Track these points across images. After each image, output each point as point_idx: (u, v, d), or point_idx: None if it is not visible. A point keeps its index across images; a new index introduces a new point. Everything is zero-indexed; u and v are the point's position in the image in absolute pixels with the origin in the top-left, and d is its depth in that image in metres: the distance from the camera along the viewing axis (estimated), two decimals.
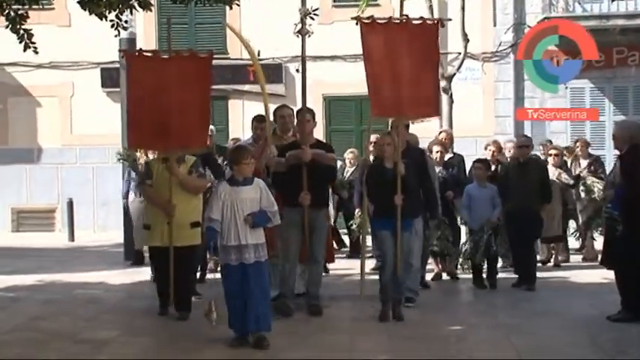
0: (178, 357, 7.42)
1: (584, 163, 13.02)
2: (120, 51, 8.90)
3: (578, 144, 13.15)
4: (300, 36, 9.10)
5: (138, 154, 11.26)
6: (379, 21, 8.88)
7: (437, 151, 11.17)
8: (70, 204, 17.09)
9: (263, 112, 9.73)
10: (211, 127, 12.04)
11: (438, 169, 10.83)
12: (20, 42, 9.64)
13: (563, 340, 8.04)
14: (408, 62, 8.73)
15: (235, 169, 7.54)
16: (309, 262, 9.00)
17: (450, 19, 14.19)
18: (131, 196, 12.36)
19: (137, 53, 9.10)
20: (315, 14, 9.08)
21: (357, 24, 8.73)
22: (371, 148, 11.78)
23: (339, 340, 7.93)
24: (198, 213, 8.71)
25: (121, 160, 12.69)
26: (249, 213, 7.38)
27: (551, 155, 12.47)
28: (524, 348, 7.53)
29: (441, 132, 12.28)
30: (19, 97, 19.08)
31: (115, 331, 8.45)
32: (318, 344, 7.70)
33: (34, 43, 9.68)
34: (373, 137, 11.43)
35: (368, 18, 8.94)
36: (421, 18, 9.06)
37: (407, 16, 8.91)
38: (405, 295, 9.08)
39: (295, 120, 9.41)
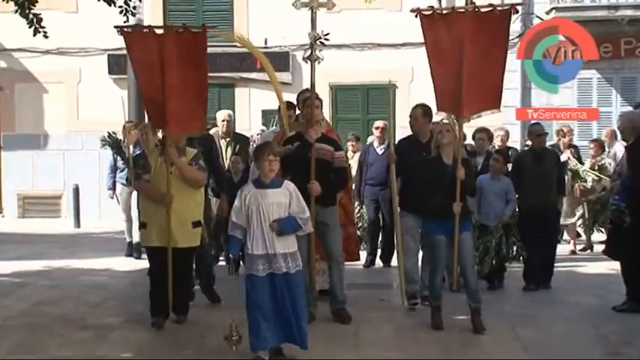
0: (183, 343, 7.41)
1: (567, 152, 12.92)
2: (116, 27, 8.07)
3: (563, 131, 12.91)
4: (309, 62, 8.34)
5: (123, 137, 10.81)
6: (441, 12, 8.25)
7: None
8: (76, 190, 17.11)
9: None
10: (229, 112, 11.96)
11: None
12: (30, 27, 9.63)
13: (568, 331, 8.04)
14: (473, 54, 7.84)
15: (259, 169, 6.81)
16: (328, 262, 8.31)
17: (522, 3, 12.94)
18: (118, 187, 12.12)
19: (131, 29, 8.22)
20: (325, 39, 8.31)
21: (416, 16, 8.11)
22: (377, 133, 11.74)
23: (344, 329, 7.92)
24: (201, 212, 8.10)
25: (107, 146, 12.00)
26: (275, 219, 6.61)
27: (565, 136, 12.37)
28: (529, 338, 7.51)
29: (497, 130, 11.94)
30: (26, 83, 19.05)
31: (119, 318, 8.45)
32: (323, 335, 7.64)
33: (43, 27, 9.67)
34: (380, 123, 11.34)
35: (428, 8, 8.18)
36: (490, 5, 7.94)
37: (474, 3, 8.21)
38: (422, 293, 8.73)
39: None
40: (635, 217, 8.63)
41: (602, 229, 12.58)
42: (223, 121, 11.37)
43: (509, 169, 10.50)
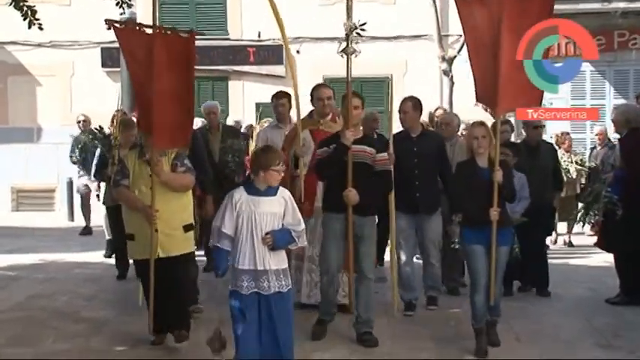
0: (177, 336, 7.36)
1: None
2: (106, 21, 7.32)
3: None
4: (344, 56, 7.42)
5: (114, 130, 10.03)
6: None
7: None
8: (70, 184, 17.06)
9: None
10: (215, 103, 11.41)
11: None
12: (24, 19, 9.57)
13: (560, 323, 8.09)
14: (511, 42, 6.92)
15: (261, 176, 5.94)
16: (356, 278, 7.35)
17: None
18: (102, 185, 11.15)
19: (122, 25, 7.52)
20: (362, 29, 7.36)
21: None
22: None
23: (338, 322, 7.86)
24: (190, 213, 7.35)
25: (95, 140, 11.52)
26: (268, 231, 5.86)
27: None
28: (522, 331, 7.55)
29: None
30: (18, 76, 18.99)
31: (113, 311, 8.46)
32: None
33: (38, 19, 9.61)
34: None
35: None
36: None
37: None
38: (427, 294, 8.51)
39: (339, 106, 8.10)
40: (628, 209, 8.67)
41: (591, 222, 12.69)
42: (209, 114, 10.84)
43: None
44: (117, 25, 7.31)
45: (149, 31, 7.16)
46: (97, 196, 11.89)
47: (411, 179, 8.20)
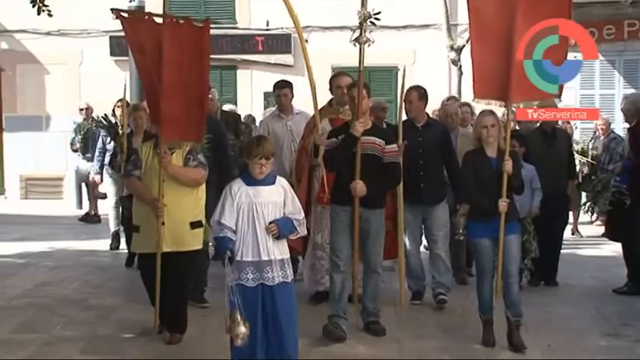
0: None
1: None
2: (112, 10, 7.09)
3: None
4: (357, 45, 7.18)
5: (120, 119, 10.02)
6: None
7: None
8: (78, 172, 17.09)
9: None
10: (212, 89, 11.54)
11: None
12: (33, 6, 9.52)
13: (569, 313, 8.10)
14: (523, 30, 6.64)
15: (250, 165, 5.90)
16: (364, 270, 7.29)
17: None
18: (107, 169, 11.20)
19: (129, 14, 7.29)
20: (376, 18, 7.14)
21: None
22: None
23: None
24: (201, 209, 7.08)
25: (102, 129, 11.28)
26: (271, 221, 5.77)
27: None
28: (530, 320, 7.52)
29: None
30: (27, 65, 18.98)
31: (121, 298, 8.49)
32: (318, 312, 7.58)
33: (47, 6, 9.57)
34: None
35: None
36: None
37: None
38: (435, 291, 8.28)
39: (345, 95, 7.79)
40: (636, 199, 8.66)
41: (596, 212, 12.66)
42: None
43: None
44: (124, 14, 7.12)
45: (160, 20, 6.95)
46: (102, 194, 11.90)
47: (416, 169, 8.08)
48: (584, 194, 12.75)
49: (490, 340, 6.83)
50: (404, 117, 8.35)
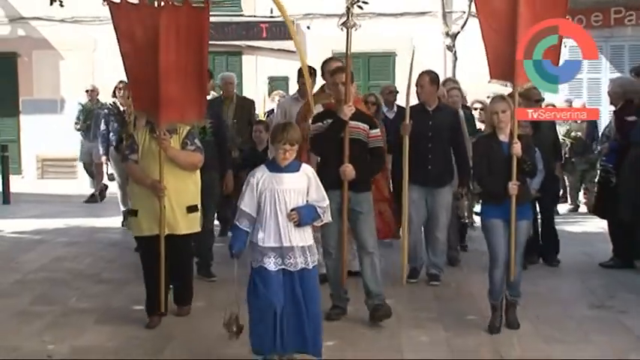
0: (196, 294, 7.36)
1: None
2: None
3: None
4: (344, 29, 6.97)
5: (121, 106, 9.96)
6: None
7: None
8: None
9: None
10: (232, 74, 11.18)
11: None
12: None
13: (556, 285, 8.14)
14: (529, 14, 6.55)
15: (274, 152, 5.70)
16: (359, 254, 7.07)
17: None
18: (112, 151, 10.84)
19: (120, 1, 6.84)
20: (364, 2, 7.06)
21: None
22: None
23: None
24: (196, 194, 6.92)
25: (111, 116, 10.87)
26: (294, 208, 5.51)
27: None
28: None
29: None
30: (43, 51, 19.02)
31: (133, 272, 8.50)
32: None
33: None
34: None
35: None
36: None
37: None
38: (430, 272, 8.26)
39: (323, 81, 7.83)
40: (621, 178, 8.67)
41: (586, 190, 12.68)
42: (226, 84, 10.62)
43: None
44: (115, 0, 6.77)
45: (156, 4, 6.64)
46: (109, 175, 11.88)
47: (425, 152, 7.95)
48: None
49: (496, 326, 6.57)
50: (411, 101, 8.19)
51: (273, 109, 12.00)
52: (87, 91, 14.76)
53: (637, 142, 8.48)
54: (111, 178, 11.95)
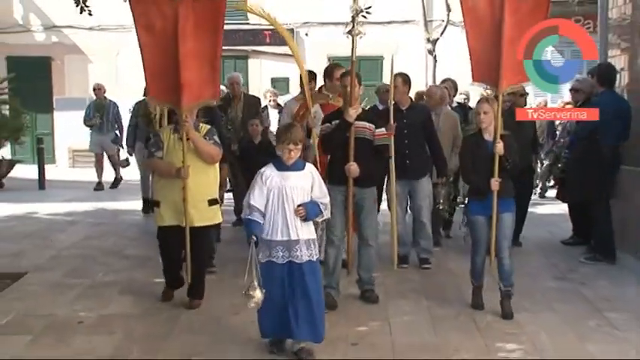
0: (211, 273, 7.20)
1: None
2: None
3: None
4: (350, 37, 6.74)
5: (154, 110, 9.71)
6: None
7: None
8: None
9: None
10: (238, 74, 10.88)
11: None
12: (77, 5, 9.38)
13: (523, 260, 8.07)
14: (513, 20, 6.26)
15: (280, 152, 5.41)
16: (359, 244, 6.80)
17: None
18: (138, 144, 10.88)
19: None
20: (367, 12, 6.84)
21: None
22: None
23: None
24: (216, 188, 6.67)
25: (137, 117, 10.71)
26: (300, 204, 5.29)
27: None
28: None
29: None
30: (73, 55, 19.11)
31: (154, 249, 8.42)
32: None
33: (88, 6, 9.41)
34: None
35: None
36: None
37: None
38: (420, 256, 8.08)
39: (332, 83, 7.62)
40: (578, 167, 8.66)
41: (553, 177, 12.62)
42: (232, 84, 10.28)
43: None
44: None
45: None
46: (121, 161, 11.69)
47: (402, 148, 7.69)
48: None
49: (479, 303, 6.48)
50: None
51: (266, 106, 12.00)
52: (94, 89, 14.67)
53: (582, 137, 8.46)
54: (125, 164, 11.81)
